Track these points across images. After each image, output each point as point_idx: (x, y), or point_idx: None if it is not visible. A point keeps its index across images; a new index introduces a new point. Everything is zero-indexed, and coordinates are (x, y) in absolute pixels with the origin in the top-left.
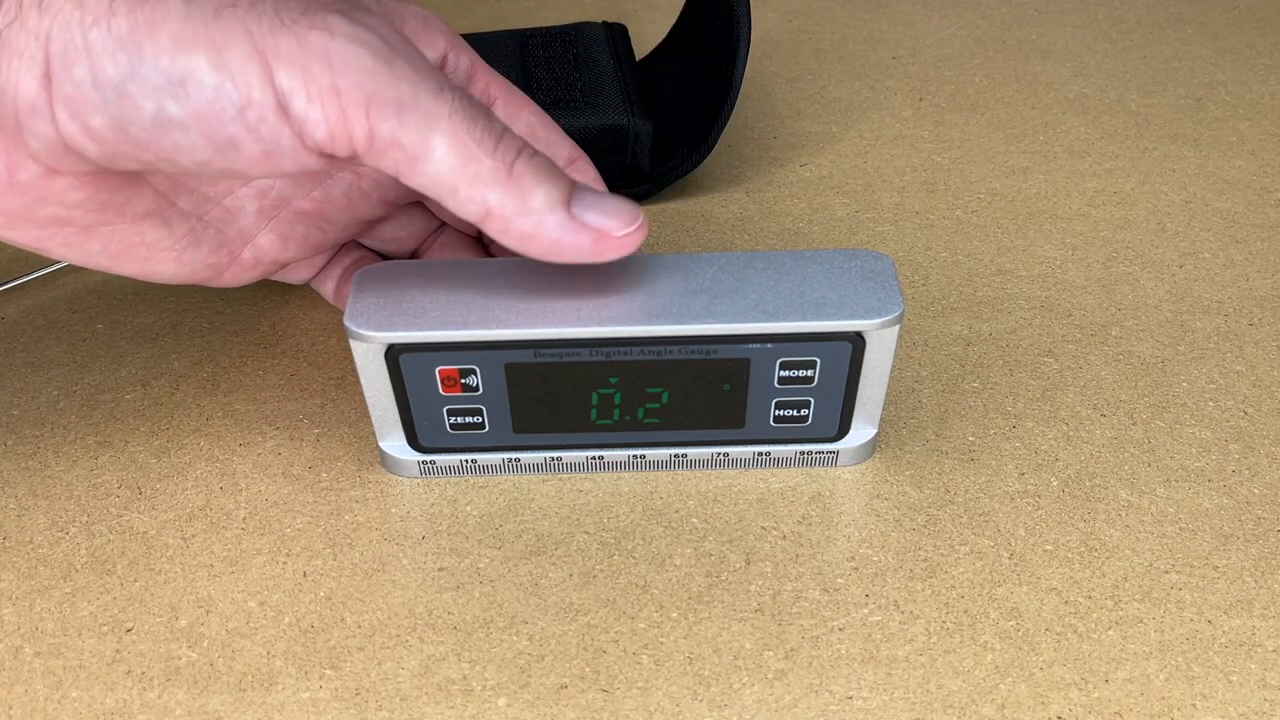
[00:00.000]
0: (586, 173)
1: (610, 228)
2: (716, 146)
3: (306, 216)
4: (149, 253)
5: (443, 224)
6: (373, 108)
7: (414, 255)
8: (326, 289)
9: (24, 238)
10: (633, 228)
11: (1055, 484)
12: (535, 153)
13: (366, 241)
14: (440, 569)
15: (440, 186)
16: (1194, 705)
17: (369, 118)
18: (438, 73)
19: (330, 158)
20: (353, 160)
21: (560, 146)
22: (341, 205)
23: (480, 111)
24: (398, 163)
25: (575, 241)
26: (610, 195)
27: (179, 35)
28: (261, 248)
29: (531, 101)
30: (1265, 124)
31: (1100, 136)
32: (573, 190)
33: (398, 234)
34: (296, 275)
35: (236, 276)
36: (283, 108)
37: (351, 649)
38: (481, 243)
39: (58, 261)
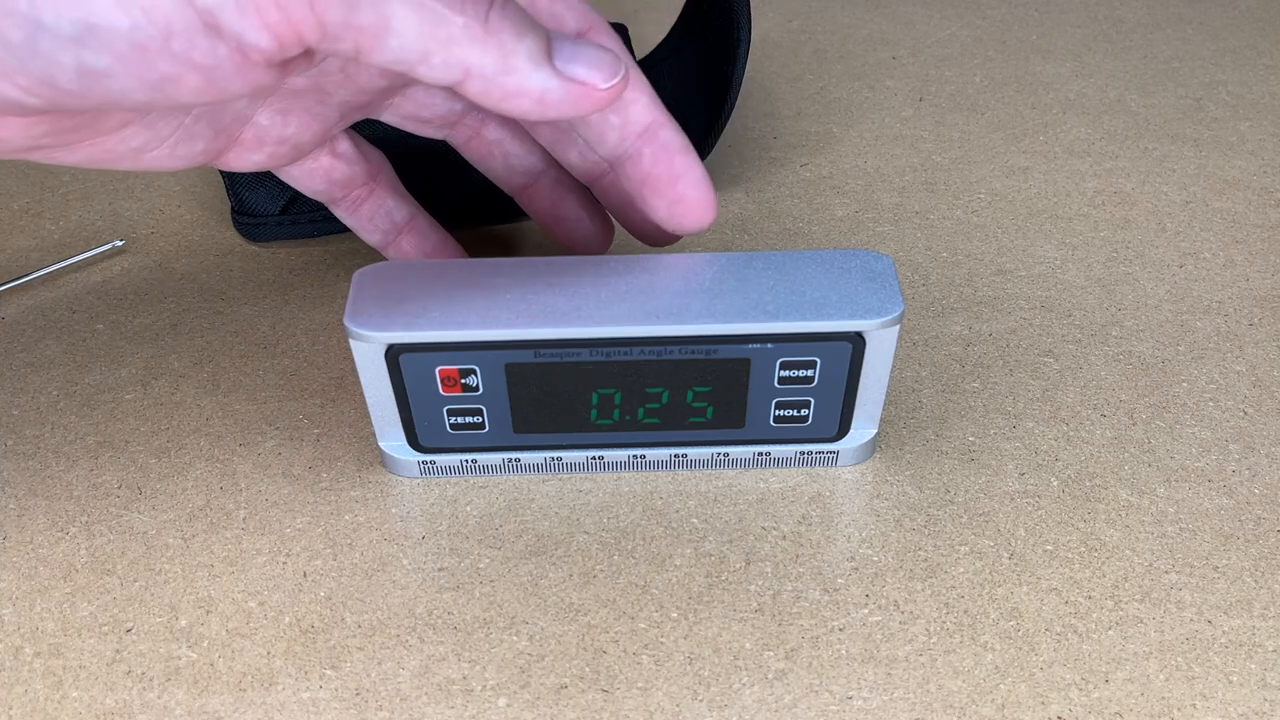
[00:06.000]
0: (607, 42)
1: (594, 80)
2: (716, 146)
3: (302, 93)
4: (137, 155)
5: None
6: None
7: (448, 136)
8: (397, 250)
9: (4, 154)
10: (615, 80)
11: (1055, 484)
12: (507, 1)
13: (388, 119)
14: (440, 569)
15: (410, 56)
16: (1194, 705)
17: (314, 10)
18: None
19: (282, 66)
20: (308, 57)
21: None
22: (337, 78)
23: None
24: (358, 45)
25: (561, 98)
26: (589, 45)
27: None
28: (262, 126)
29: None
30: (1265, 124)
31: (1100, 136)
32: (551, 40)
33: (419, 111)
34: (305, 174)
35: (242, 158)
36: (211, 27)
37: (351, 649)
38: (522, 128)
39: (58, 261)
